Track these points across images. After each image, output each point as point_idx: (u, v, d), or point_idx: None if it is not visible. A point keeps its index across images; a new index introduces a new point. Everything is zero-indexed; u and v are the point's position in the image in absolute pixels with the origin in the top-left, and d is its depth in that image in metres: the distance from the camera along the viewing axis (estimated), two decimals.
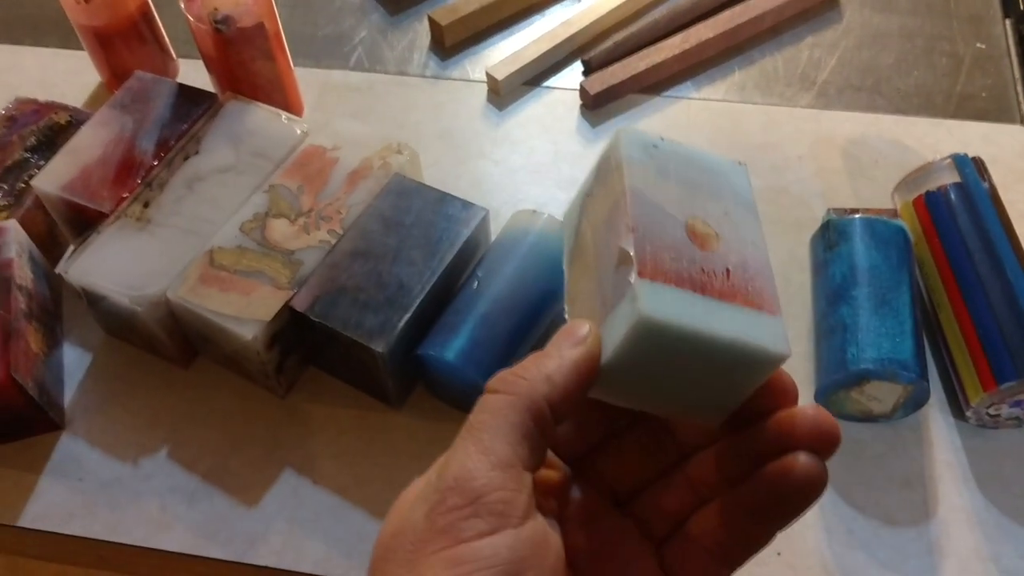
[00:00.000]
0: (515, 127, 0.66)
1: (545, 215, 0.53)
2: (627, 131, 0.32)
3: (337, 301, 0.48)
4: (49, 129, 0.59)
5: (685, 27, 0.69)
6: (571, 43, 0.69)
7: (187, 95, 0.58)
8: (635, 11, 0.72)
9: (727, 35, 0.68)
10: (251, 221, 0.52)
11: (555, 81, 0.69)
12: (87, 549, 0.50)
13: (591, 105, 0.66)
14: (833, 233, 0.53)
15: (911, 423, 0.50)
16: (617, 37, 0.68)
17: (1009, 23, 0.70)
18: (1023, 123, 0.64)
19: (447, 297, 0.51)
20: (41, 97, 0.61)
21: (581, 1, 0.73)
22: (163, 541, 0.48)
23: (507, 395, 0.28)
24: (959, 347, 0.50)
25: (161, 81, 0.59)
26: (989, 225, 0.51)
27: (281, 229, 0.52)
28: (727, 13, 0.69)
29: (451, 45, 0.71)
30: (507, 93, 0.68)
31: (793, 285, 0.56)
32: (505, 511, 0.26)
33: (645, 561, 0.30)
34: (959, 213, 0.52)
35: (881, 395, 0.48)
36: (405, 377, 0.51)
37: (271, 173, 0.54)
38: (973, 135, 0.63)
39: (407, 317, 0.48)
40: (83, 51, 0.67)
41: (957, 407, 0.51)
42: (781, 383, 0.29)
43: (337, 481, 0.50)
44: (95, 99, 0.68)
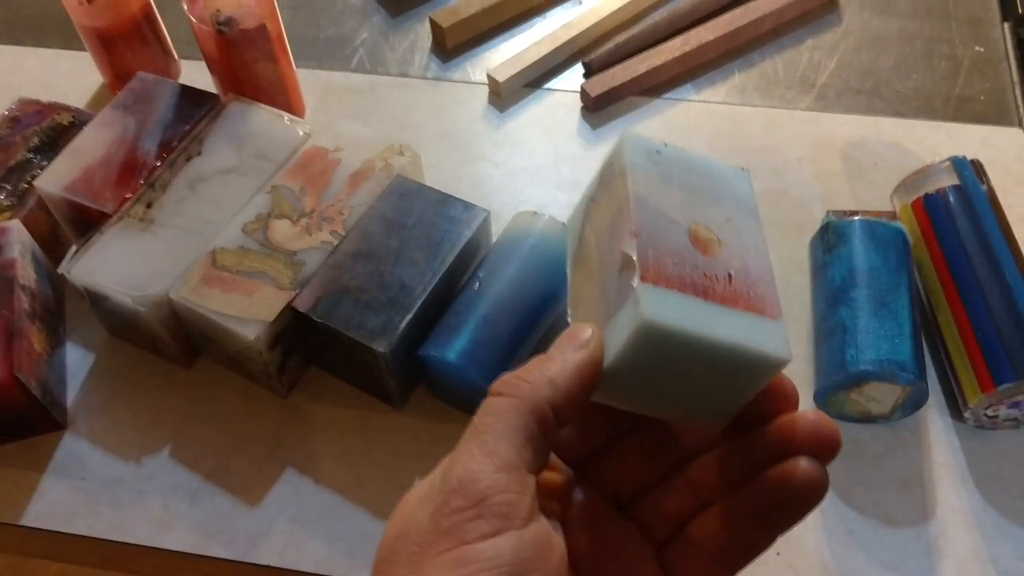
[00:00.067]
0: (516, 129, 0.66)
1: (546, 217, 0.53)
2: (631, 137, 0.32)
3: (339, 302, 0.49)
4: (52, 130, 0.59)
5: (685, 30, 0.69)
6: (572, 45, 0.70)
7: (189, 96, 0.58)
8: (636, 14, 0.72)
9: (727, 38, 0.69)
10: (253, 222, 0.52)
11: (556, 83, 0.69)
12: (90, 548, 0.50)
13: (592, 107, 0.66)
14: (832, 235, 0.53)
15: (910, 424, 0.51)
16: (618, 39, 0.69)
17: (1007, 26, 0.71)
18: (1022, 126, 0.64)
19: (448, 298, 0.51)
20: (44, 98, 0.61)
21: (582, 3, 0.73)
22: (165, 540, 0.48)
23: (510, 398, 0.28)
24: (957, 349, 0.50)
25: (163, 82, 0.59)
26: (988, 228, 0.51)
27: (283, 230, 0.52)
28: (727, 16, 0.69)
29: (452, 47, 0.71)
30: (508, 95, 0.68)
31: (792, 287, 0.56)
32: (509, 513, 0.26)
33: (646, 564, 0.30)
34: (958, 216, 0.52)
35: (880, 396, 0.48)
36: (407, 377, 0.51)
37: (273, 174, 0.55)
38: (972, 138, 0.64)
39: (409, 318, 0.48)
40: (85, 52, 0.67)
41: (955, 408, 0.51)
42: (782, 388, 0.29)
43: (339, 481, 0.50)
44: (97, 100, 0.68)
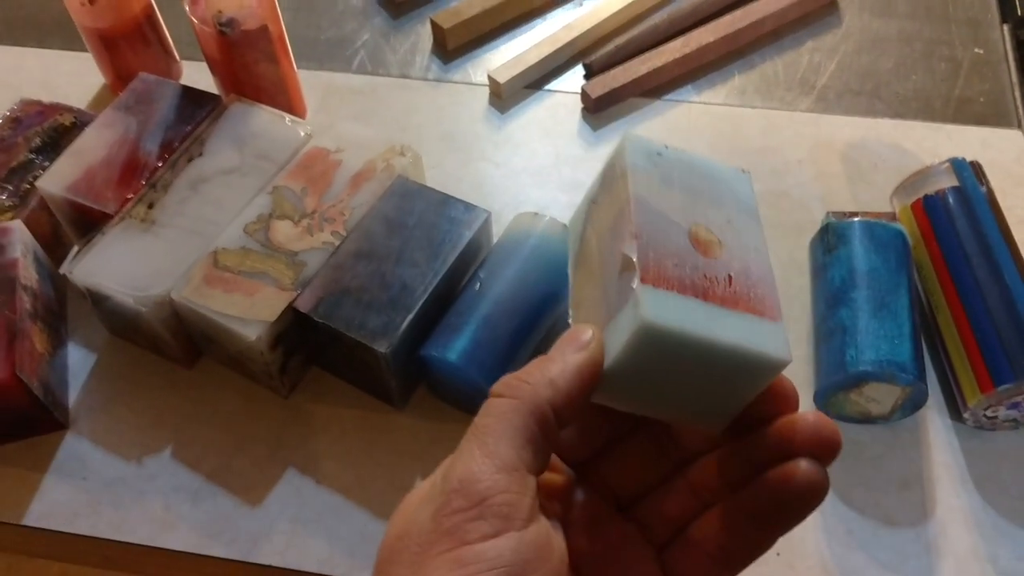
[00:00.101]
0: (517, 130, 0.66)
1: (547, 217, 0.53)
2: (632, 139, 0.32)
3: (340, 302, 0.49)
4: (54, 130, 0.59)
5: (686, 31, 0.69)
6: (572, 47, 0.70)
7: (191, 97, 0.59)
8: (636, 15, 0.73)
9: (727, 39, 0.69)
10: (255, 222, 0.52)
11: (556, 84, 0.69)
12: (91, 548, 0.50)
13: (592, 108, 0.66)
14: (832, 236, 0.53)
15: (909, 425, 0.51)
16: (618, 41, 0.69)
17: (1007, 28, 0.71)
18: (1021, 128, 0.65)
19: (449, 298, 0.51)
20: (45, 99, 0.61)
21: (582, 5, 0.74)
22: (167, 540, 0.48)
23: (511, 399, 0.28)
24: (957, 350, 0.50)
25: (165, 83, 0.59)
26: (987, 229, 0.51)
27: (285, 230, 0.52)
28: (727, 17, 0.69)
29: (453, 48, 0.71)
30: (509, 96, 0.68)
31: (793, 288, 0.56)
32: (509, 514, 0.26)
33: (647, 565, 0.30)
34: (957, 217, 0.52)
35: (880, 397, 0.48)
36: (408, 378, 0.51)
37: (275, 175, 0.55)
38: (971, 139, 0.64)
39: (410, 318, 0.48)
40: (87, 53, 0.68)
41: (955, 409, 0.51)
42: (782, 389, 0.29)
43: (340, 481, 0.50)
44: (99, 101, 0.68)
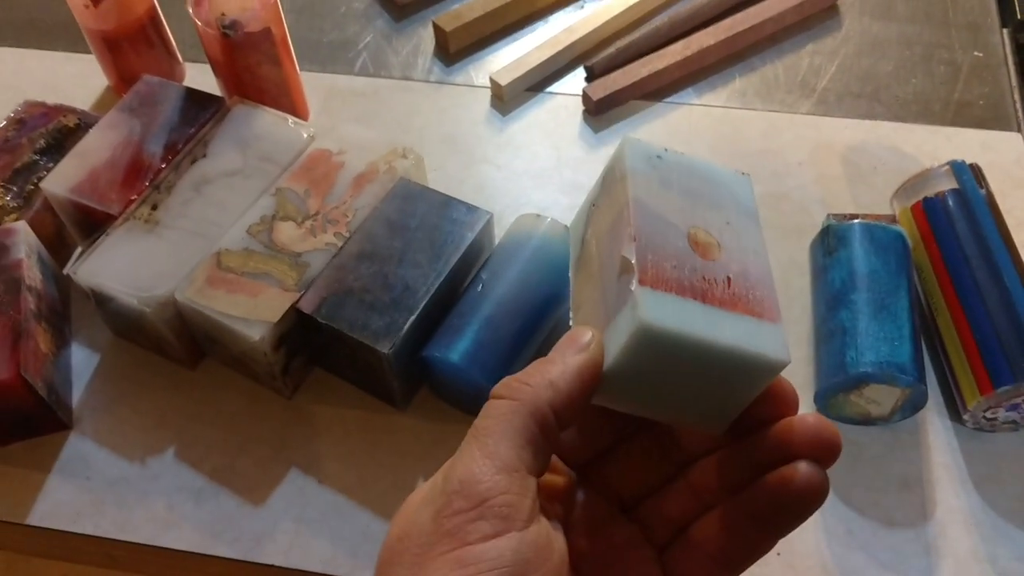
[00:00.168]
0: (518, 132, 0.66)
1: (548, 219, 0.54)
2: (631, 142, 0.32)
3: (343, 303, 0.49)
4: (58, 132, 0.60)
5: (686, 34, 0.69)
6: (574, 49, 0.70)
7: (194, 99, 0.59)
8: (637, 18, 0.73)
9: (728, 42, 0.69)
10: (258, 224, 0.53)
11: (558, 87, 0.69)
12: (94, 548, 0.50)
13: (593, 111, 0.67)
14: (832, 238, 0.53)
15: (909, 426, 0.51)
16: (619, 44, 0.69)
17: (1007, 32, 0.71)
18: (1020, 131, 0.65)
19: (452, 299, 0.51)
20: (49, 100, 0.62)
21: (584, 8, 0.74)
22: (170, 540, 0.49)
23: (512, 401, 0.28)
24: (956, 351, 0.50)
25: (169, 85, 0.60)
26: (986, 231, 0.51)
27: (288, 232, 0.52)
28: (728, 20, 0.70)
29: (455, 51, 0.72)
30: (510, 98, 0.68)
31: (793, 290, 0.57)
32: (510, 514, 0.26)
33: (648, 566, 0.31)
34: (957, 219, 0.52)
35: (880, 398, 0.49)
36: (410, 378, 0.52)
37: (278, 176, 0.55)
38: (971, 142, 0.64)
39: (412, 319, 0.48)
40: (91, 55, 0.68)
41: (954, 410, 0.51)
42: (782, 391, 0.30)
43: (343, 481, 0.50)
44: (102, 103, 0.69)
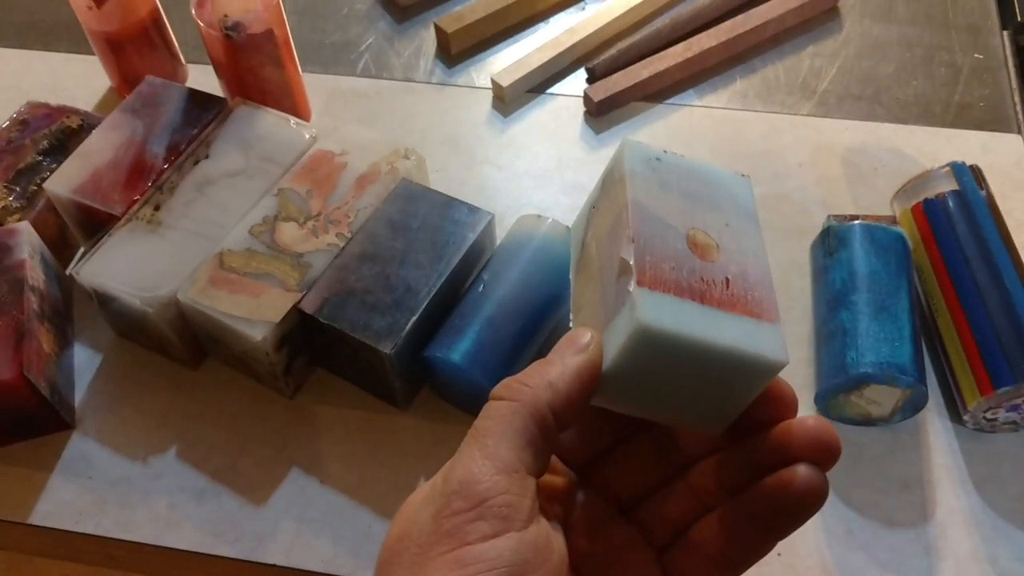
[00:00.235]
0: (520, 133, 0.67)
1: (549, 220, 0.54)
2: (631, 145, 0.32)
3: (345, 303, 0.49)
4: (61, 133, 0.60)
5: (688, 36, 0.70)
6: (575, 51, 0.70)
7: (197, 100, 0.59)
8: (639, 20, 0.73)
9: (729, 44, 0.69)
10: (260, 224, 0.53)
11: (559, 88, 0.69)
12: (96, 547, 0.50)
13: (595, 112, 0.67)
14: (833, 239, 0.54)
15: (909, 427, 0.51)
16: (621, 45, 0.69)
17: (1007, 34, 0.71)
18: (1020, 132, 0.65)
19: (453, 300, 0.51)
20: (52, 101, 0.62)
21: (585, 9, 0.74)
22: (172, 539, 0.49)
23: (511, 402, 0.28)
24: (957, 352, 0.50)
25: (171, 86, 0.60)
26: (986, 232, 0.51)
27: (290, 232, 0.52)
28: (729, 23, 0.70)
29: (457, 52, 0.72)
30: (512, 100, 0.68)
31: (793, 290, 0.57)
32: (509, 515, 0.26)
33: (648, 567, 0.31)
34: (957, 220, 0.53)
35: (880, 399, 0.49)
36: (412, 379, 0.52)
37: (280, 177, 0.55)
38: (971, 144, 0.64)
39: (414, 319, 0.48)
40: (94, 56, 0.68)
41: (955, 411, 0.51)
42: (781, 393, 0.30)
43: (344, 481, 0.50)
44: (105, 104, 0.69)
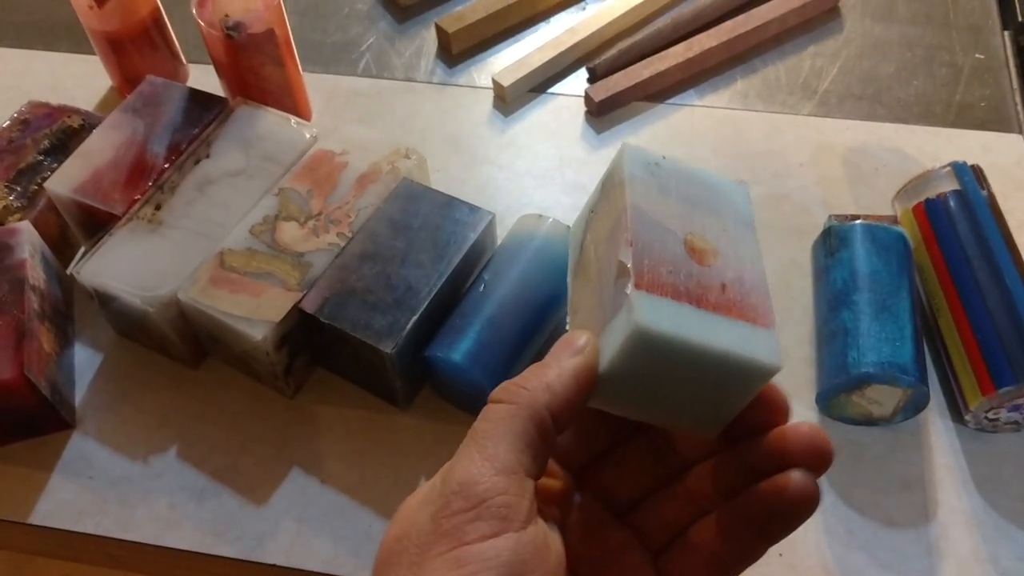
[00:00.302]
0: (521, 133, 0.67)
1: (550, 219, 0.54)
2: (630, 150, 0.33)
3: (346, 303, 0.49)
4: (62, 132, 0.60)
5: (689, 36, 0.70)
6: (576, 51, 0.70)
7: (198, 99, 0.59)
8: (640, 20, 0.73)
9: (730, 44, 0.69)
10: (261, 224, 0.53)
11: (560, 88, 0.69)
12: (97, 547, 0.50)
13: (596, 112, 0.67)
14: (834, 239, 0.54)
15: (911, 427, 0.51)
16: (622, 45, 0.69)
17: (1008, 34, 0.71)
18: (1021, 132, 0.65)
19: (454, 299, 0.51)
20: (53, 101, 0.62)
21: (586, 9, 0.74)
22: (172, 539, 0.49)
23: (510, 405, 0.28)
24: (958, 352, 0.50)
25: (172, 86, 0.60)
26: (988, 232, 0.51)
27: (291, 232, 0.52)
28: (730, 23, 0.70)
29: (458, 52, 0.72)
30: (513, 99, 0.68)
31: (794, 290, 0.57)
32: (508, 515, 0.26)
33: (643, 570, 0.31)
34: (958, 220, 0.53)
35: (881, 399, 0.49)
36: (412, 378, 0.52)
37: (281, 177, 0.55)
38: (972, 144, 0.64)
39: (415, 319, 0.48)
40: (94, 56, 0.68)
41: (956, 411, 0.51)
42: (774, 399, 0.30)
43: (345, 481, 0.50)
44: (106, 103, 0.69)
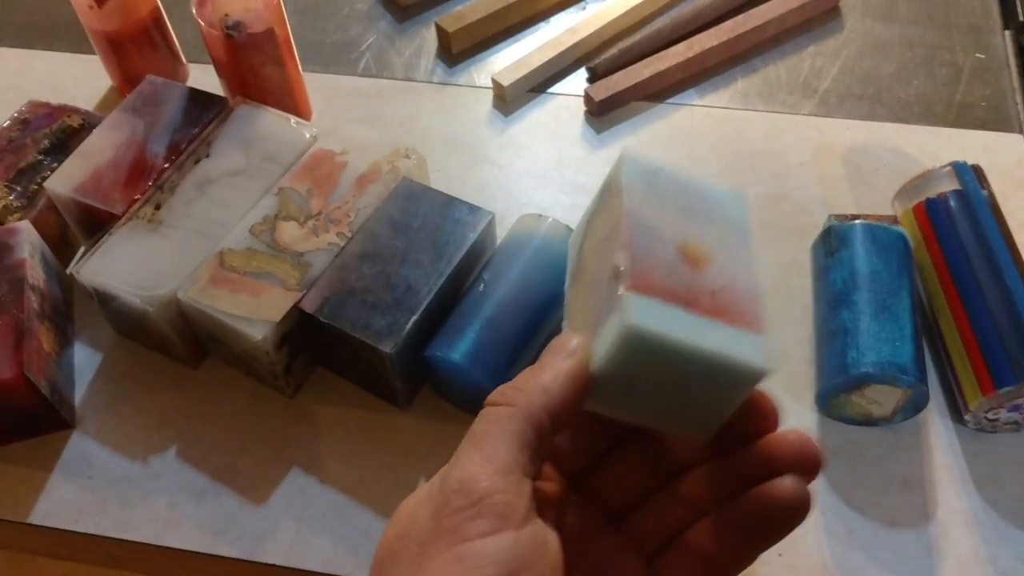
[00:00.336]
0: (520, 133, 0.67)
1: (550, 219, 0.54)
2: (629, 158, 0.33)
3: (346, 302, 0.49)
4: (62, 132, 0.60)
5: (689, 36, 0.70)
6: (576, 50, 0.70)
7: (198, 99, 0.59)
8: (640, 19, 0.73)
9: (730, 44, 0.69)
10: (261, 223, 0.53)
11: (560, 88, 0.69)
12: (96, 547, 0.50)
13: (596, 112, 0.67)
14: (834, 239, 0.54)
15: (911, 427, 0.51)
16: (622, 45, 0.69)
17: (1008, 34, 0.71)
18: (1022, 132, 0.65)
19: (454, 299, 0.51)
20: (53, 101, 0.62)
21: (586, 9, 0.74)
22: (172, 539, 0.49)
23: (507, 407, 0.29)
24: (958, 352, 0.50)
25: (172, 85, 0.60)
26: (988, 232, 0.51)
27: (290, 231, 0.52)
28: (730, 22, 0.70)
29: (458, 52, 0.72)
30: (513, 99, 0.68)
31: (794, 290, 0.57)
32: (507, 513, 0.27)
33: (637, 573, 0.31)
34: (959, 220, 0.53)
35: (881, 399, 0.49)
36: (412, 378, 0.52)
37: (280, 176, 0.55)
38: (973, 144, 0.64)
39: (415, 319, 0.48)
40: (95, 55, 0.68)
41: (956, 411, 0.51)
42: (763, 406, 0.31)
43: (344, 480, 0.50)
44: (106, 103, 0.69)
